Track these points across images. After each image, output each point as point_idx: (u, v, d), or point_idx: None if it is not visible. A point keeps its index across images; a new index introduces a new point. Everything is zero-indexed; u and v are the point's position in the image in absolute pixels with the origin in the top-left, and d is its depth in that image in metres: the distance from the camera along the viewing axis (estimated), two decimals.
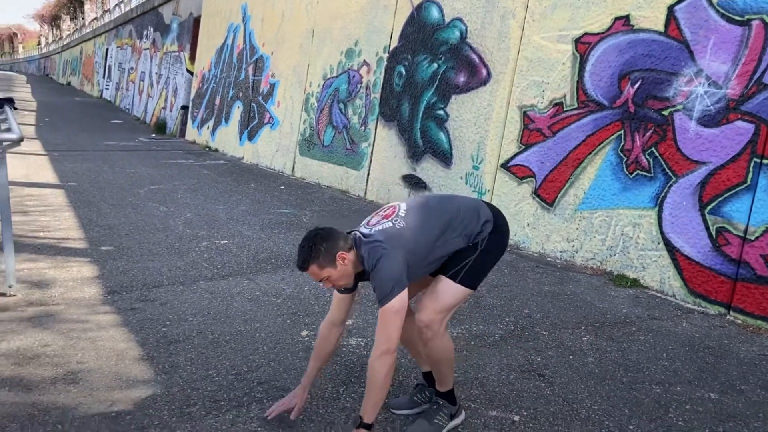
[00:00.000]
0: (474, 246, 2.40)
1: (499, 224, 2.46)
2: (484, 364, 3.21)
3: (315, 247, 2.22)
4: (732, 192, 4.01)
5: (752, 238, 3.89)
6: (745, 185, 3.95)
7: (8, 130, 4.30)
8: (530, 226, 5.44)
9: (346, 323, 2.68)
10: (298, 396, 2.54)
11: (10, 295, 3.97)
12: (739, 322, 3.89)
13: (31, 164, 9.52)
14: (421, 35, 6.97)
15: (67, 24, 43.66)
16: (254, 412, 2.67)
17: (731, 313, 3.97)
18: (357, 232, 2.34)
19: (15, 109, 6.58)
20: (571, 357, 3.28)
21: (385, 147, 7.48)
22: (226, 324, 3.64)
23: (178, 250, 5.19)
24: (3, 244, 4.02)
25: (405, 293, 2.19)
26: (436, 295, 2.38)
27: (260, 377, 2.99)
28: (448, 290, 2.38)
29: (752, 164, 3.92)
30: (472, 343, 3.47)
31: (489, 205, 2.54)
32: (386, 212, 2.38)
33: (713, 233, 4.10)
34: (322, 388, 2.88)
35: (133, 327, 3.54)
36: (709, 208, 4.14)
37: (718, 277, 4.06)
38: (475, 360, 3.25)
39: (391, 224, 2.29)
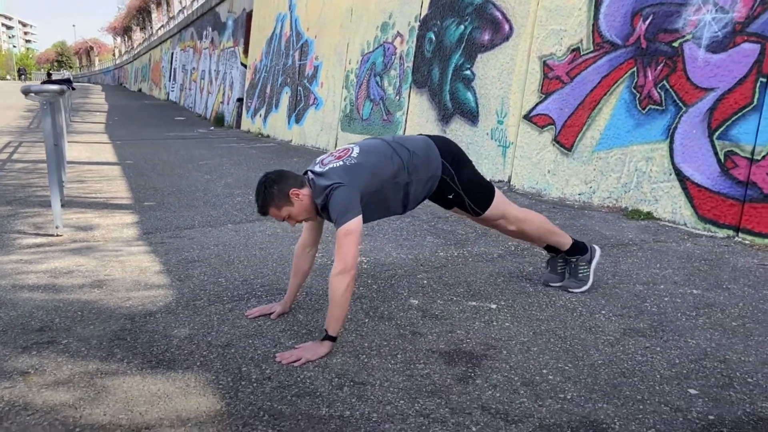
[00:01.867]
0: (447, 184, 2.67)
1: (449, 154, 2.69)
2: (475, 272, 3.36)
3: (267, 191, 2.40)
4: (739, 114, 3.98)
5: (759, 158, 3.85)
6: (752, 106, 3.91)
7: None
8: (551, 173, 5.50)
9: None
10: (279, 305, 2.78)
11: (57, 236, 4.40)
12: (747, 242, 3.87)
13: (95, 149, 10.23)
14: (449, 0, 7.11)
15: (137, 35, 45.87)
16: (251, 303, 2.93)
17: (740, 234, 3.95)
18: (309, 172, 2.52)
19: (73, 89, 7.16)
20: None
21: (417, 113, 7.66)
22: (243, 250, 3.93)
23: (213, 204, 5.55)
24: (50, 189, 4.45)
25: (359, 218, 2.35)
26: (486, 220, 2.84)
27: (264, 282, 3.25)
28: (488, 213, 2.79)
29: (758, 84, 3.89)
30: (470, 260, 3.62)
31: (436, 140, 2.71)
32: (339, 154, 2.53)
33: (722, 158, 4.08)
34: (317, 287, 3.11)
35: (159, 253, 3.88)
36: (717, 133, 4.12)
37: (726, 201, 4.03)
38: (468, 269, 3.40)
39: (342, 163, 2.46)
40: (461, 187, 2.70)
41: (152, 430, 1.83)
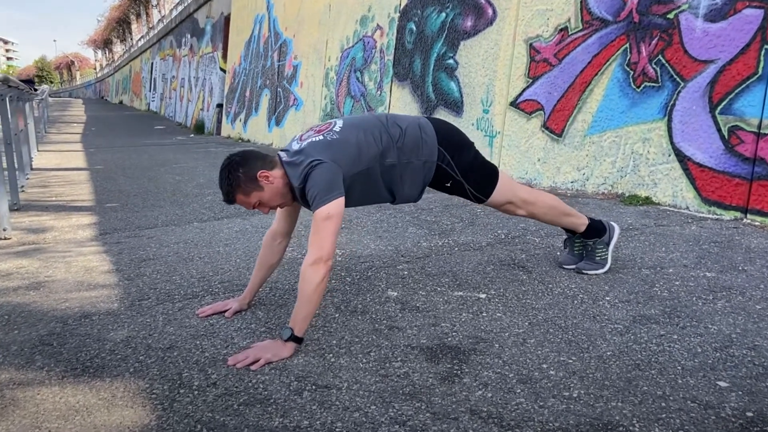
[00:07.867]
0: (444, 171, 2.37)
1: (447, 137, 2.38)
2: (462, 261, 3.01)
3: (232, 175, 2.06)
4: (743, 86, 3.67)
5: (767, 132, 3.54)
6: (757, 76, 3.60)
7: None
8: (540, 161, 5.17)
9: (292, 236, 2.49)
10: (236, 301, 2.41)
11: (5, 239, 4.00)
12: (757, 223, 3.55)
13: (66, 156, 9.81)
14: None
15: (118, 47, 45.37)
16: (206, 301, 2.56)
17: (748, 216, 3.63)
18: (282, 152, 2.20)
19: (35, 90, 6.78)
20: (557, 254, 3.04)
21: (399, 107, 7.32)
22: (206, 247, 3.56)
23: (181, 203, 5.18)
24: None
25: (340, 201, 2.02)
26: (491, 205, 2.53)
27: (223, 279, 2.88)
28: (492, 199, 2.48)
29: (763, 52, 3.58)
30: (456, 249, 3.27)
31: (433, 122, 2.40)
32: (320, 128, 2.23)
33: (725, 134, 3.76)
34: (284, 281, 2.74)
35: (112, 252, 3.51)
36: (719, 108, 3.80)
37: (732, 180, 3.71)
38: (454, 259, 3.05)
39: (323, 138, 2.15)
40: (460, 173, 2.38)
41: None
